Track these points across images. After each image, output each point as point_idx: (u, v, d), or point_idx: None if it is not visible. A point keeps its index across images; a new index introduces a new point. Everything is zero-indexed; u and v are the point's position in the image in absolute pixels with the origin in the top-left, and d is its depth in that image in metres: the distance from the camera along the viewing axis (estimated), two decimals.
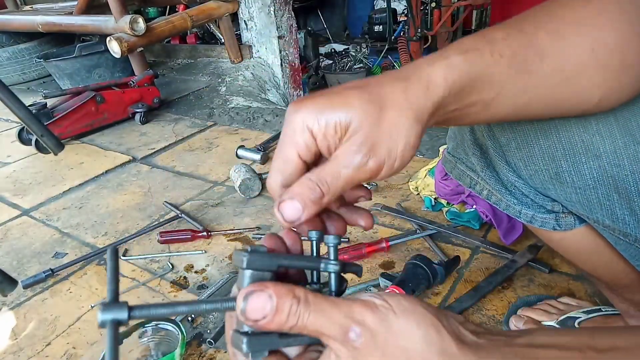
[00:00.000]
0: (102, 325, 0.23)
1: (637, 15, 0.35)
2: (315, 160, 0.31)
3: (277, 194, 0.31)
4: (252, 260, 0.26)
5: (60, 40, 3.05)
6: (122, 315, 0.23)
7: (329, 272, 0.29)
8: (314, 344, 0.29)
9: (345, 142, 0.29)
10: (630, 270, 0.56)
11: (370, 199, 0.35)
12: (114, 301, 0.24)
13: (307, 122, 0.29)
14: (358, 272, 0.33)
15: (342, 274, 0.30)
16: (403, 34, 3.28)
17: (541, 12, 0.36)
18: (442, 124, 0.35)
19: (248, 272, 0.26)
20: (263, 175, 1.36)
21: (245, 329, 0.26)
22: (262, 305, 0.24)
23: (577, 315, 0.72)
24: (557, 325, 0.72)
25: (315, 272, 0.31)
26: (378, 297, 0.26)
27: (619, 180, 0.44)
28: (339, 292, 0.30)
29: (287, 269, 0.30)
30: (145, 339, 0.81)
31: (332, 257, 0.30)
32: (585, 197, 0.47)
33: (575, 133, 0.45)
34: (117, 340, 0.23)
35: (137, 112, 2.00)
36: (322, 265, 0.29)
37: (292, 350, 0.29)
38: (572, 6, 0.36)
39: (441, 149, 1.17)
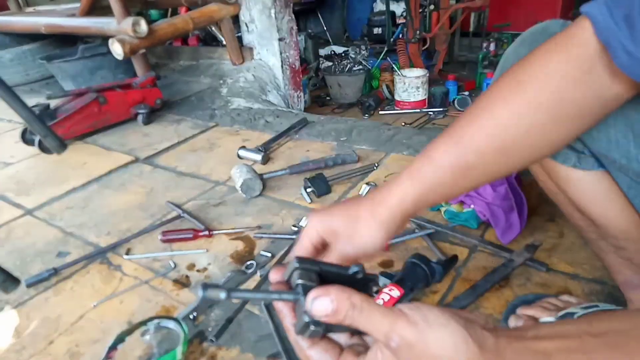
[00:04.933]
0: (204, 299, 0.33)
1: (574, 66, 0.42)
2: (323, 245, 0.48)
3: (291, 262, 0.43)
4: (300, 260, 0.36)
5: (63, 42, 3.06)
6: (222, 295, 0.32)
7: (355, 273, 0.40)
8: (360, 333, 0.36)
9: (336, 242, 0.47)
10: None
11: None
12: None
13: (315, 225, 0.48)
14: (375, 279, 0.42)
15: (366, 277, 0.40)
16: (402, 36, 3.29)
17: (482, 108, 0.46)
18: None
19: (298, 272, 0.36)
20: (264, 176, 1.37)
21: (306, 319, 0.33)
22: (325, 307, 0.31)
23: (575, 311, 0.72)
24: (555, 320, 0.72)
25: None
26: (419, 313, 0.32)
27: (634, 122, 0.51)
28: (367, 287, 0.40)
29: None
30: (148, 336, 0.82)
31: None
32: (605, 133, 0.54)
33: None
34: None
35: (140, 113, 2.01)
36: (349, 270, 0.39)
37: (341, 338, 0.37)
38: (506, 88, 0.45)
39: None
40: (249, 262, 1.04)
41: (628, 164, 0.53)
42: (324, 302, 0.31)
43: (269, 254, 1.06)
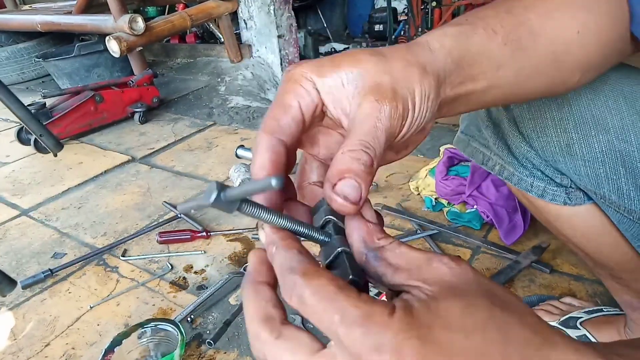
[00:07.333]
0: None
1: (615, 1, 0.38)
2: (312, 123, 0.29)
3: (264, 144, 0.28)
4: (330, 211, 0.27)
5: (59, 40, 3.04)
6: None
7: None
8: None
9: (363, 96, 0.26)
10: (634, 254, 0.57)
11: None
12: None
13: (311, 75, 0.27)
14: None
15: None
16: (403, 33, 3.27)
17: None
18: (453, 103, 0.33)
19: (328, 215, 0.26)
20: None
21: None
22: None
23: (579, 316, 0.71)
24: (559, 326, 0.72)
25: None
26: None
27: (625, 155, 0.47)
28: None
29: None
30: (145, 339, 0.81)
31: None
32: (594, 170, 0.50)
33: (585, 107, 0.48)
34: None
35: (136, 111, 1.99)
36: None
37: None
38: None
39: (442, 148, 1.17)
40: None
41: (619, 201, 0.49)
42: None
43: None
